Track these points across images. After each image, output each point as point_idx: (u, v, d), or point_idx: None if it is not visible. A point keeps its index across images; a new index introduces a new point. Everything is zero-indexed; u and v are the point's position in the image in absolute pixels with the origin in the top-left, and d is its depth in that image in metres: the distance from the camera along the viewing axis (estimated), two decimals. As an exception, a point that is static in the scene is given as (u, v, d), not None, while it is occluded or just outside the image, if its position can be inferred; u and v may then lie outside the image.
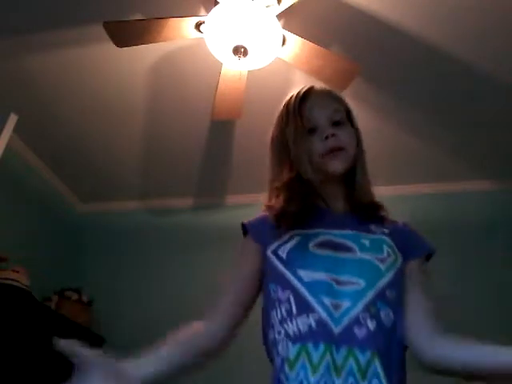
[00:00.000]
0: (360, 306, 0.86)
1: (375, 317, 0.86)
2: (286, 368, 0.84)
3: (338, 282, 0.88)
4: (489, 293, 2.54)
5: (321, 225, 0.97)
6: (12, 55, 2.31)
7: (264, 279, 0.99)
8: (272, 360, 0.93)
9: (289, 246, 0.94)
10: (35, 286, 2.50)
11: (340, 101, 1.09)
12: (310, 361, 0.82)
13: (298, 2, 1.79)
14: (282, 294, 0.91)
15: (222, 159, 2.92)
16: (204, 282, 2.94)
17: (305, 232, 0.95)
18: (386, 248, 0.94)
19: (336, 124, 1.02)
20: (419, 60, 2.18)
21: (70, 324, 2.60)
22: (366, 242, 0.94)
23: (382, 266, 0.91)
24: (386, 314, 0.87)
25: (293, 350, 0.85)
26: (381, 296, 0.88)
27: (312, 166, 0.98)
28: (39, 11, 2.07)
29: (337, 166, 0.99)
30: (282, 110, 1.11)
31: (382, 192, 3.45)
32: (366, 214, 1.01)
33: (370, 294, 0.87)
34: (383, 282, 0.89)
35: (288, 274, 0.91)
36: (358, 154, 1.04)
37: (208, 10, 1.89)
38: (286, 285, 0.91)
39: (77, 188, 3.32)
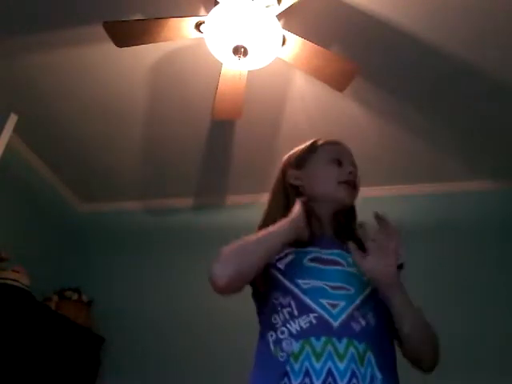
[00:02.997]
0: (353, 306, 0.98)
1: (364, 317, 0.98)
2: (292, 360, 0.93)
3: (332, 287, 1.01)
4: (488, 293, 2.54)
5: (312, 244, 1.09)
6: (12, 55, 2.31)
7: (264, 291, 1.08)
8: (266, 358, 1.00)
9: (286, 260, 1.06)
10: (35, 286, 2.50)
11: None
12: (314, 351, 0.92)
13: (297, 2, 1.79)
14: (283, 300, 1.02)
15: (221, 159, 2.92)
16: (204, 281, 2.94)
17: (298, 250, 1.07)
18: None
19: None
20: (419, 60, 2.18)
21: (69, 324, 2.60)
22: (351, 260, 1.06)
23: (365, 279, 1.03)
24: (372, 316, 0.99)
25: (297, 345, 0.94)
26: (366, 302, 1.01)
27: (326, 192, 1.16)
28: (39, 11, 2.07)
29: (349, 197, 1.16)
30: (303, 148, 1.25)
31: (382, 192, 3.44)
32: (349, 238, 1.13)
33: (359, 299, 1.00)
34: (367, 291, 1.02)
35: (287, 283, 1.03)
36: None
37: (208, 10, 1.89)
38: (286, 291, 1.02)
39: (77, 188, 3.32)
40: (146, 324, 2.89)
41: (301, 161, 1.22)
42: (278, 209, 1.17)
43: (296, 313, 0.98)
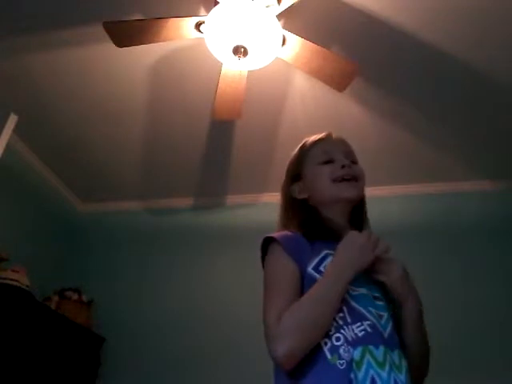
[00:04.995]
0: (390, 317, 0.99)
1: (396, 328, 1.00)
2: (355, 367, 0.88)
3: (374, 297, 1.00)
4: (489, 293, 2.54)
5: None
6: (12, 55, 2.31)
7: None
8: (321, 366, 0.92)
9: (328, 262, 1.01)
10: (35, 286, 2.50)
11: (350, 146, 1.22)
12: (375, 359, 0.90)
13: (297, 2, 1.79)
14: None
15: (222, 159, 2.92)
16: (204, 281, 2.95)
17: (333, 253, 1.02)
18: None
19: (351, 162, 1.15)
20: (419, 60, 2.18)
21: (69, 324, 2.60)
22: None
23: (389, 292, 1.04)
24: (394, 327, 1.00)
25: (357, 352, 0.90)
26: (391, 314, 1.02)
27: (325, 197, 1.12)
28: (39, 11, 2.07)
29: (352, 192, 1.10)
30: (294, 159, 1.22)
31: (382, 192, 3.44)
32: None
33: (391, 309, 1.01)
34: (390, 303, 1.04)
35: None
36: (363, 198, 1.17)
37: (208, 10, 1.89)
38: None
39: (77, 188, 3.32)
40: (146, 324, 2.89)
41: (297, 172, 1.18)
42: (292, 225, 1.12)
43: (349, 319, 0.94)
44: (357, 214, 1.16)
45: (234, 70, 2.00)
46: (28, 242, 2.87)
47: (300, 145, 1.22)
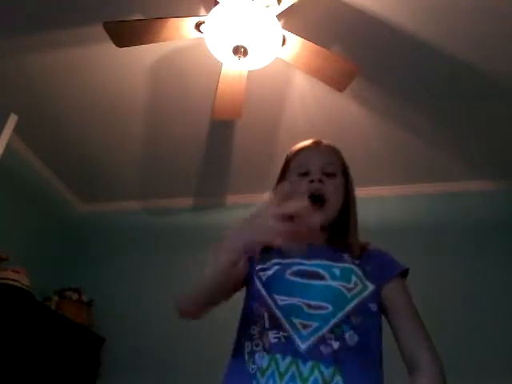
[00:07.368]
0: (327, 327, 0.95)
1: (339, 338, 0.95)
2: (259, 375, 0.93)
3: (309, 306, 0.98)
4: (489, 293, 2.54)
5: (298, 256, 1.06)
6: (12, 55, 2.31)
7: (246, 296, 1.12)
8: (239, 365, 1.00)
9: (269, 272, 1.06)
10: (35, 285, 2.50)
11: (337, 155, 1.20)
12: (278, 370, 0.92)
13: (298, 2, 1.79)
14: (259, 311, 1.03)
15: (222, 159, 2.92)
16: (204, 281, 2.95)
17: (284, 261, 1.06)
18: (353, 278, 1.03)
19: (327, 175, 1.14)
20: (419, 60, 2.18)
21: (70, 324, 2.60)
22: (337, 272, 1.03)
23: (348, 294, 1.00)
24: (351, 335, 0.96)
25: (265, 360, 0.95)
26: (345, 320, 0.97)
27: None
28: (39, 11, 2.07)
29: (316, 220, 1.04)
30: (282, 167, 1.24)
31: (382, 192, 3.43)
32: (342, 245, 1.11)
33: (336, 318, 0.96)
34: (349, 308, 0.98)
35: (265, 296, 1.03)
36: (349, 205, 1.15)
37: (208, 10, 1.89)
38: (263, 304, 1.02)
39: (77, 188, 3.32)
40: (146, 324, 2.89)
41: (283, 179, 1.21)
42: None
43: (268, 325, 0.99)
44: (343, 217, 1.14)
45: (233, 70, 2.00)
46: (28, 242, 2.87)
47: (286, 155, 1.24)
